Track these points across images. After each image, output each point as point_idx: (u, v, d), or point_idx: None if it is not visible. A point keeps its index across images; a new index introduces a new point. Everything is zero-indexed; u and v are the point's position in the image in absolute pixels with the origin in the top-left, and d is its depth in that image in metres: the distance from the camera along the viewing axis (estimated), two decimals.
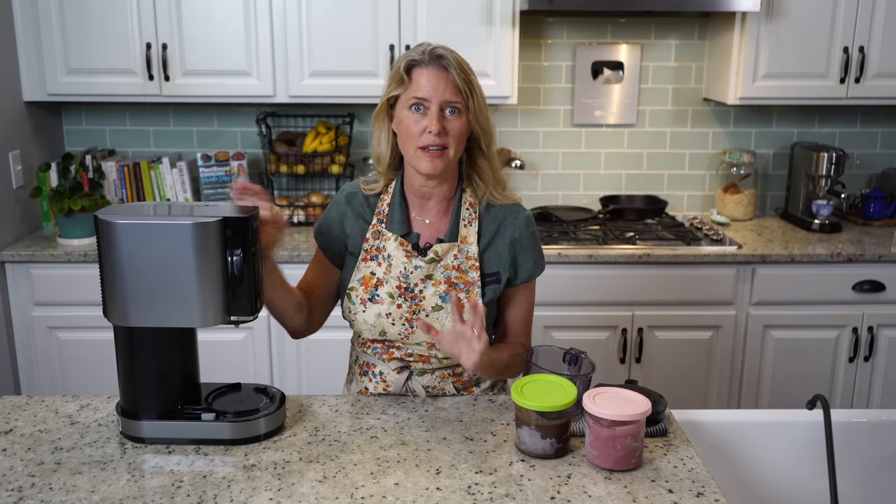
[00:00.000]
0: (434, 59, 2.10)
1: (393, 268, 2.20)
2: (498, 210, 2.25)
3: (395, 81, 2.14)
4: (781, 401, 3.99)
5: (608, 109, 4.48)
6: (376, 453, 1.91)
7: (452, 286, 2.19)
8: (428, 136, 2.08)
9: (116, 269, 1.84)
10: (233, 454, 1.91)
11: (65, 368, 3.90)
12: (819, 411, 2.15)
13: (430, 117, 2.08)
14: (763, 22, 3.97)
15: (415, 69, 2.11)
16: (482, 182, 2.23)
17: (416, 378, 2.26)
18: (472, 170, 2.24)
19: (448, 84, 2.09)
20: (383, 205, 2.27)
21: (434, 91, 2.08)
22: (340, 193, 2.32)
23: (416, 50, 2.13)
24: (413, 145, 2.11)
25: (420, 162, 2.12)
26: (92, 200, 3.90)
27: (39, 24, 3.88)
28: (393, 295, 2.19)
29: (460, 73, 2.10)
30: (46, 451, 1.92)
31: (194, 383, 2.05)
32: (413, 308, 2.19)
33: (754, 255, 3.83)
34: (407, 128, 2.11)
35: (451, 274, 2.20)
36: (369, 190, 2.28)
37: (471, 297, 2.14)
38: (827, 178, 4.30)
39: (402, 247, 2.20)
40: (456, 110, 2.10)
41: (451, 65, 2.09)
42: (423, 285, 2.19)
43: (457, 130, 2.11)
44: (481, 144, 2.20)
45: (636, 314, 3.89)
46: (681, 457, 1.91)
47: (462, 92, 2.10)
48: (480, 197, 2.24)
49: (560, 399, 1.86)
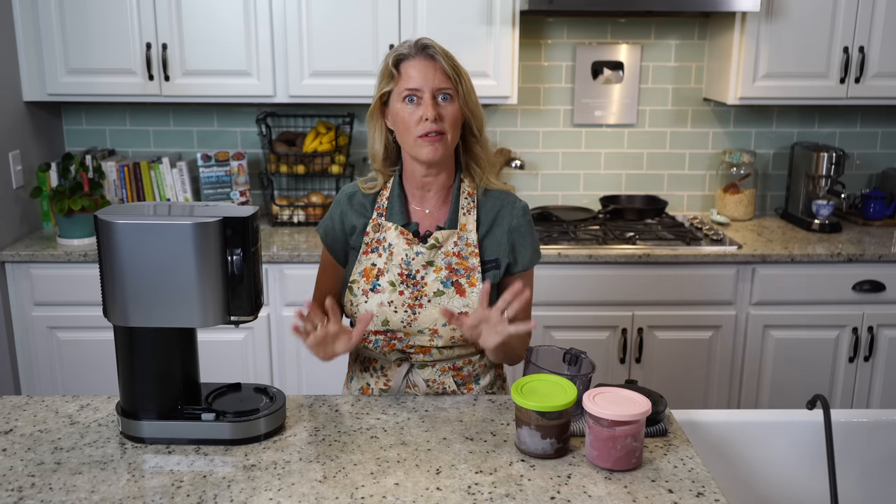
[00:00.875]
0: (420, 49, 2.18)
1: (394, 256, 2.24)
2: (495, 200, 2.31)
3: (385, 77, 2.22)
4: (781, 401, 3.99)
5: (608, 109, 4.48)
6: (376, 453, 1.91)
7: (453, 272, 2.23)
8: (425, 123, 2.14)
9: (116, 269, 1.85)
10: (233, 454, 1.91)
11: (65, 368, 3.90)
12: (819, 411, 2.15)
13: (425, 105, 2.15)
14: (763, 22, 3.97)
15: (403, 63, 2.19)
16: (479, 168, 2.30)
17: (417, 371, 2.28)
18: (469, 157, 2.30)
19: (437, 72, 2.16)
20: (383, 199, 2.32)
21: (425, 80, 2.15)
22: (341, 194, 2.38)
23: (401, 46, 2.22)
24: (412, 135, 2.17)
25: (421, 150, 2.17)
26: (92, 200, 3.90)
27: (39, 24, 3.88)
28: (395, 283, 2.23)
29: (447, 60, 2.18)
30: (46, 451, 1.92)
31: (194, 383, 2.05)
32: (415, 294, 2.22)
33: (754, 255, 3.83)
34: (403, 119, 2.18)
35: (451, 260, 2.24)
36: (368, 189, 2.33)
37: (484, 284, 2.15)
38: (827, 178, 4.30)
39: (402, 235, 2.25)
40: (448, 97, 2.17)
41: (437, 53, 2.17)
42: (425, 272, 2.23)
43: (451, 116, 2.18)
44: (473, 130, 2.26)
45: (636, 314, 3.89)
46: (681, 457, 1.91)
47: (451, 78, 2.17)
48: (478, 183, 2.31)
49: (560, 399, 1.86)
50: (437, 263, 2.23)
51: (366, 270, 2.26)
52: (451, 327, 2.21)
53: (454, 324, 2.09)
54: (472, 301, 2.21)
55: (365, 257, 2.27)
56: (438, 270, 2.23)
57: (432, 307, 2.21)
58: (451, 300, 2.22)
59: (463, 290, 2.22)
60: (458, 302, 2.22)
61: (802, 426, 2.24)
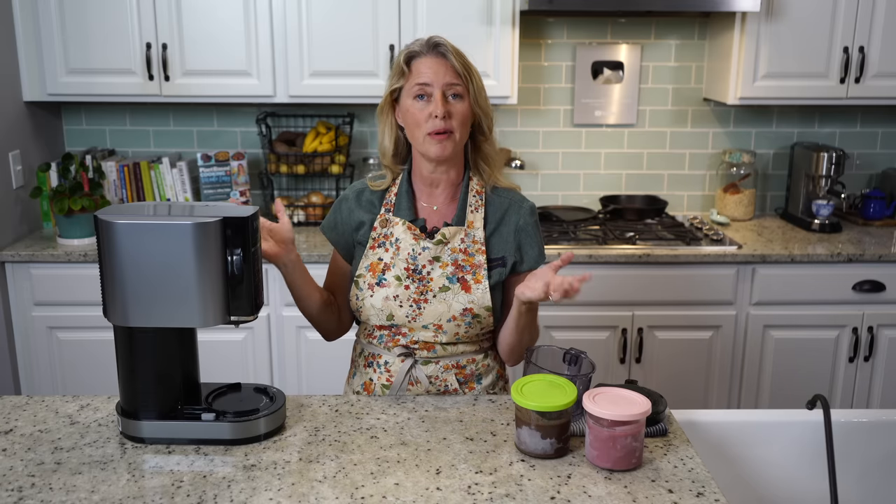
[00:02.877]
0: (432, 47, 2.21)
1: (401, 251, 2.26)
2: (503, 198, 2.33)
3: (396, 74, 2.25)
4: (781, 401, 3.99)
5: (608, 109, 4.48)
6: (376, 453, 1.91)
7: (459, 268, 2.25)
8: (434, 120, 2.17)
9: (116, 269, 1.85)
10: (233, 454, 1.91)
11: (65, 368, 3.90)
12: (819, 411, 2.15)
13: (435, 102, 2.17)
14: (763, 22, 3.97)
15: (414, 60, 2.22)
16: (487, 166, 2.33)
17: (420, 367, 2.28)
18: (478, 156, 2.34)
19: (448, 69, 2.19)
20: (391, 195, 2.34)
21: (435, 76, 2.18)
22: (349, 190, 2.40)
23: (414, 43, 2.25)
24: (421, 132, 2.19)
25: (429, 147, 2.20)
26: (92, 200, 3.90)
27: (39, 23, 3.88)
28: (400, 277, 2.24)
29: (458, 59, 2.20)
30: (46, 451, 1.92)
31: (194, 383, 2.05)
32: (420, 289, 2.23)
33: (754, 255, 3.83)
34: (413, 116, 2.20)
35: (458, 256, 2.25)
36: (376, 186, 2.36)
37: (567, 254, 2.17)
38: (827, 178, 4.30)
39: (409, 231, 2.27)
40: (458, 95, 2.20)
41: (448, 51, 2.20)
42: (431, 267, 2.25)
43: (461, 114, 2.20)
44: (483, 128, 2.30)
45: (636, 314, 3.89)
46: (681, 457, 1.91)
47: (462, 76, 2.20)
48: (486, 181, 2.33)
49: (560, 399, 1.86)
50: (444, 259, 2.25)
51: (372, 265, 2.27)
52: (455, 323, 2.23)
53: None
54: (477, 298, 2.23)
55: (371, 252, 2.29)
56: (444, 266, 2.25)
57: (437, 302, 2.23)
58: (457, 296, 2.23)
59: (468, 287, 2.23)
60: (464, 298, 2.23)
61: (802, 426, 2.24)
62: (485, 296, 2.23)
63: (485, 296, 2.23)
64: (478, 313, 2.24)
